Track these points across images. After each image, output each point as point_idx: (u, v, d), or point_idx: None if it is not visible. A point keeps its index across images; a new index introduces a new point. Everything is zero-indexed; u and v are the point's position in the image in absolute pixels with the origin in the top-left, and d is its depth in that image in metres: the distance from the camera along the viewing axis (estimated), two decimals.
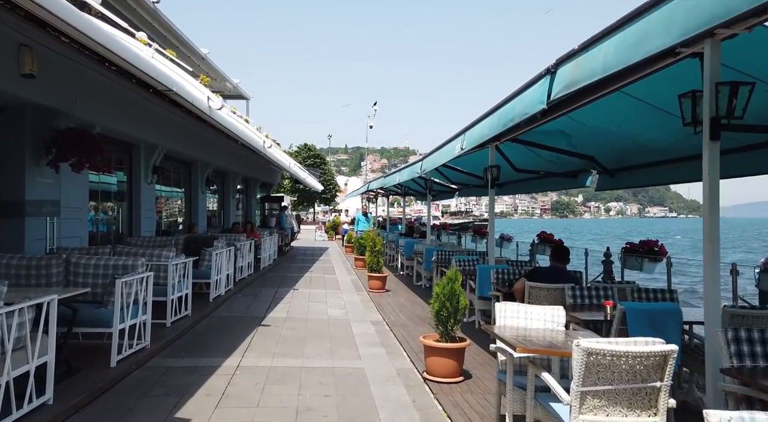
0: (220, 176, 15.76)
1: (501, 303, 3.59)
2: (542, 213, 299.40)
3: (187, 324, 6.57)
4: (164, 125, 9.36)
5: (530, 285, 5.14)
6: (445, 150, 6.31)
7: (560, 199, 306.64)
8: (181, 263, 6.67)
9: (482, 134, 4.83)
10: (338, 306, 8.76)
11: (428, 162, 7.42)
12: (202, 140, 11.53)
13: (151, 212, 9.81)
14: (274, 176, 22.70)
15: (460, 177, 12.71)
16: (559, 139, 6.95)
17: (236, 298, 9.13)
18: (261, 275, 12.37)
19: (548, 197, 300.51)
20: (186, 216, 12.71)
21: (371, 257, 10.39)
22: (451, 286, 4.67)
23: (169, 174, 11.55)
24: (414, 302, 9.32)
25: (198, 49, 14.88)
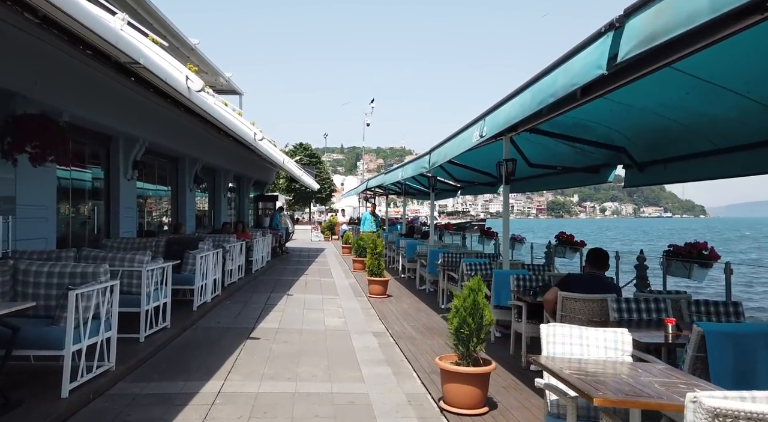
0: (210, 174, 14.93)
1: (549, 325, 2.81)
2: (538, 213, 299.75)
3: (164, 338, 5.76)
4: (146, 116, 8.54)
5: (563, 296, 4.37)
6: (460, 140, 5.53)
7: (556, 199, 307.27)
8: (158, 269, 5.87)
9: (509, 116, 4.05)
10: (336, 314, 7.97)
11: (438, 155, 6.64)
12: (189, 133, 10.70)
13: (132, 211, 8.99)
14: (269, 175, 21.86)
15: (464, 174, 11.95)
16: (584, 129, 6.20)
17: (224, 305, 8.32)
18: (253, 279, 11.56)
19: (544, 196, 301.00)
20: (173, 216, 11.88)
21: (372, 259, 9.61)
22: (474, 298, 3.90)
23: (153, 170, 10.73)
24: (419, 309, 8.54)
25: (187, 40, 14.04)
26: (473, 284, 3.96)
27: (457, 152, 5.71)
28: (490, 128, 4.53)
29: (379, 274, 9.60)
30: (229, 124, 6.98)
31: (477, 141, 4.89)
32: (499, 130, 4.35)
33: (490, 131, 4.54)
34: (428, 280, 10.28)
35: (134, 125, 8.31)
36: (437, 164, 6.82)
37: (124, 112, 7.92)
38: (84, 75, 6.46)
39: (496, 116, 4.42)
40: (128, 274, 5.53)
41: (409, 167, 8.79)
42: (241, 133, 7.82)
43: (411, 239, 14.48)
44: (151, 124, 8.86)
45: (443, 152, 6.37)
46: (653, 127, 5.50)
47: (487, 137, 4.63)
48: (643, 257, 6.08)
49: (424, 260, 10.47)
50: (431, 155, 7.10)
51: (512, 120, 4.05)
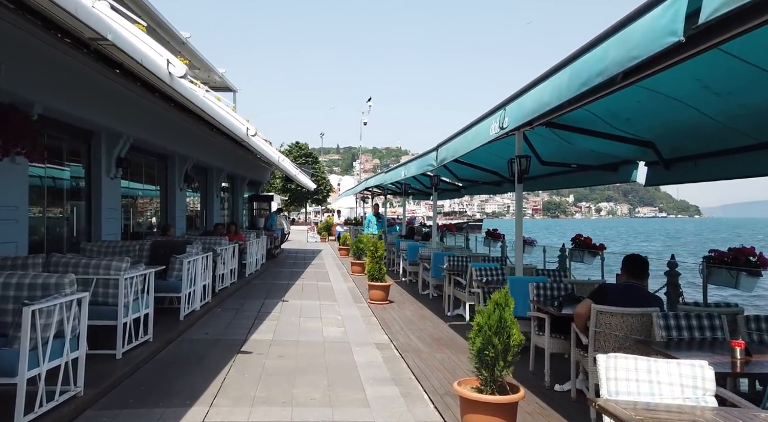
0: (202, 173, 14.32)
1: (608, 357, 2.26)
2: (534, 213, 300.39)
3: (145, 354, 5.17)
4: (130, 109, 7.95)
5: (598, 310, 3.81)
6: (474, 133, 4.97)
7: (551, 199, 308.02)
8: (138, 276, 5.28)
9: (538, 104, 3.50)
10: (335, 323, 7.39)
11: (447, 151, 6.08)
12: (178, 129, 10.12)
13: (116, 212, 8.38)
14: (263, 174, 21.26)
15: (468, 173, 11.41)
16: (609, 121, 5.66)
17: (214, 314, 7.73)
18: (246, 284, 10.97)
19: (539, 196, 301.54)
20: (161, 217, 11.27)
21: (372, 263, 9.04)
22: (500, 315, 3.34)
23: (140, 168, 10.12)
24: (423, 316, 7.98)
25: (178, 33, 13.44)
26: (499, 297, 3.40)
27: (470, 147, 5.15)
28: (513, 118, 3.97)
29: (380, 278, 9.04)
30: (218, 117, 6.41)
31: (496, 134, 4.33)
32: (526, 120, 3.79)
33: (513, 122, 3.98)
34: (432, 284, 9.72)
35: (117, 119, 7.72)
36: (446, 162, 6.27)
37: (107, 105, 7.33)
38: (62, 65, 5.88)
39: (520, 105, 3.86)
40: (103, 283, 4.95)
41: (413, 164, 8.22)
42: (233, 128, 7.24)
43: (411, 240, 13.94)
44: (136, 118, 8.27)
45: (453, 148, 5.81)
46: (687, 118, 4.95)
47: (510, 129, 4.07)
48: (674, 263, 5.54)
49: (427, 263, 9.91)
50: (439, 152, 6.54)
51: (542, 108, 3.49)
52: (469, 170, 10.77)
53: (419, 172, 7.83)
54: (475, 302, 6.86)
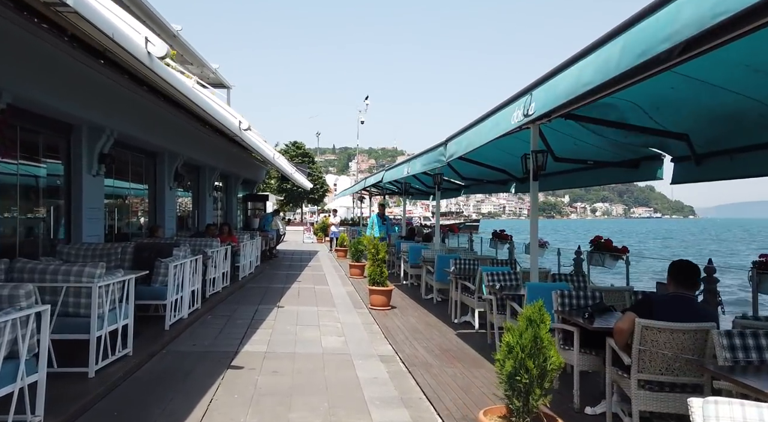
0: (193, 171, 13.74)
1: (706, 402, 1.73)
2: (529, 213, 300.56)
3: (122, 371, 4.60)
4: (114, 101, 7.38)
5: (644, 325, 3.29)
6: (492, 123, 4.43)
7: (547, 199, 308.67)
8: (116, 283, 4.72)
9: (576, 84, 2.96)
10: (335, 332, 6.85)
11: (458, 144, 5.54)
12: (167, 123, 9.54)
13: (98, 211, 7.80)
14: (258, 173, 20.67)
15: (472, 171, 10.90)
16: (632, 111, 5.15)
17: (203, 322, 7.16)
18: (239, 287, 10.40)
19: None
20: (150, 217, 10.69)
21: (373, 267, 8.50)
22: (534, 333, 2.81)
23: (126, 166, 9.54)
24: (428, 324, 7.44)
25: (168, 25, 12.86)
26: (533, 313, 2.87)
27: (486, 139, 4.61)
28: (543, 103, 3.43)
29: (382, 283, 8.50)
30: (208, 108, 5.86)
31: (519, 122, 3.80)
32: (557, 104, 3.25)
33: (542, 108, 3.44)
34: (436, 289, 9.18)
35: (100, 112, 7.15)
36: (456, 156, 5.73)
37: (88, 97, 6.77)
38: (32, 48, 5.30)
39: (552, 88, 3.32)
40: (74, 292, 4.39)
41: (417, 161, 7.68)
42: (224, 121, 6.69)
43: (412, 241, 13.41)
44: (120, 112, 7.70)
45: (466, 142, 5.27)
46: (728, 105, 4.45)
47: (536, 116, 3.53)
48: (712, 268, 5.03)
49: (431, 266, 9.38)
50: (448, 146, 6.01)
51: (579, 89, 2.95)
52: (473, 168, 10.26)
53: (425, 169, 7.29)
54: (486, 309, 6.33)
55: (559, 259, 7.82)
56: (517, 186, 10.27)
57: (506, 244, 10.11)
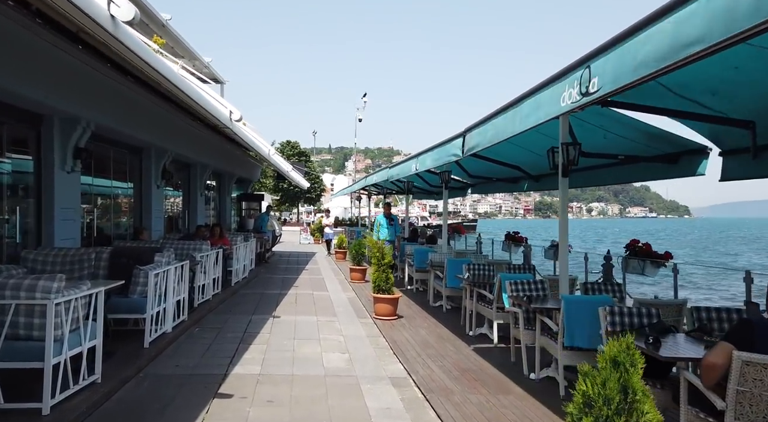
0: (184, 169, 12.95)
1: None
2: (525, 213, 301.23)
3: (87, 404, 3.84)
4: (90, 89, 6.63)
5: (745, 360, 2.56)
6: (530, 107, 3.68)
7: (543, 199, 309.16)
8: (80, 298, 3.96)
9: (674, 44, 2.22)
10: (337, 347, 6.10)
11: (480, 136, 4.79)
12: (153, 116, 8.78)
13: (73, 212, 7.02)
14: (253, 171, 19.89)
15: (481, 168, 10.19)
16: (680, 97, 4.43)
17: (190, 336, 6.39)
18: (232, 294, 9.64)
19: (531, 197, 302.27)
20: (135, 218, 9.90)
21: (378, 273, 7.75)
22: (623, 380, 2.06)
23: (106, 162, 8.75)
24: (441, 337, 6.71)
25: (157, 14, 12.10)
26: (619, 352, 2.12)
27: (521, 126, 3.85)
28: (614, 75, 2.68)
29: (388, 290, 7.75)
30: (193, 93, 5.12)
31: (575, 103, 3.06)
32: (638, 78, 2.51)
33: (612, 82, 2.70)
34: (445, 296, 8.45)
35: (74, 101, 6.38)
36: (478, 150, 4.98)
37: (59, 83, 6.00)
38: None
39: (627, 53, 2.58)
40: (26, 310, 3.62)
41: (428, 156, 6.93)
42: (212, 109, 5.94)
43: (415, 243, 12.67)
44: (98, 101, 6.93)
45: (492, 131, 4.52)
46: None
47: (603, 94, 2.79)
48: None
49: (440, 271, 8.65)
50: (467, 138, 5.26)
51: (687, 48, 2.21)
52: (482, 165, 9.54)
53: (438, 164, 6.54)
54: (509, 322, 5.59)
55: (587, 267, 7.08)
56: (530, 184, 9.56)
57: (521, 247, 9.39)
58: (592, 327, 4.25)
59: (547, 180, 9.01)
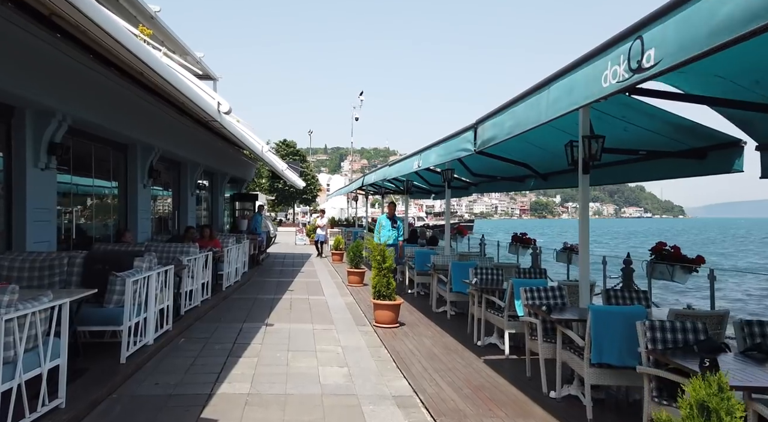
0: (173, 168, 12.39)
1: None
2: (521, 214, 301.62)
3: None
4: (65, 79, 6.08)
5: None
6: (561, 90, 3.17)
7: (539, 199, 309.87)
8: (37, 313, 3.42)
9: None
10: (335, 360, 5.58)
11: (497, 127, 4.28)
12: (138, 110, 8.23)
13: (48, 213, 6.47)
14: (247, 171, 19.33)
15: (484, 165, 9.70)
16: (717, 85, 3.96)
17: (174, 348, 5.86)
18: (223, 299, 9.10)
19: (527, 197, 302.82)
20: (120, 219, 9.34)
21: (379, 277, 7.24)
22: None
23: (87, 159, 8.19)
24: (447, 347, 6.20)
25: (144, 5, 11.52)
26: (708, 396, 1.62)
27: (551, 113, 3.33)
28: (675, 46, 2.19)
29: (389, 296, 7.24)
30: (174, 79, 4.59)
31: (623, 83, 2.56)
32: (718, 43, 2.01)
33: (674, 55, 2.20)
34: (449, 301, 7.94)
35: (48, 91, 5.83)
36: (495, 143, 4.46)
37: (31, 73, 5.45)
38: None
39: (695, 16, 2.09)
40: None
41: (432, 152, 6.42)
42: (198, 99, 5.41)
43: (415, 245, 12.18)
44: (75, 93, 6.38)
45: (512, 121, 4.00)
46: None
47: (662, 69, 2.29)
48: None
49: (443, 275, 8.15)
50: (480, 130, 4.75)
51: None
52: (486, 162, 9.06)
53: (444, 161, 6.03)
54: (525, 332, 5.09)
55: (605, 272, 6.59)
56: (537, 182, 9.08)
57: (528, 249, 8.90)
58: (624, 342, 3.76)
59: (556, 178, 8.54)
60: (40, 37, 5.29)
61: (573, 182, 8.46)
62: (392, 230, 10.13)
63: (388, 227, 10.17)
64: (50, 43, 5.49)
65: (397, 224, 10.21)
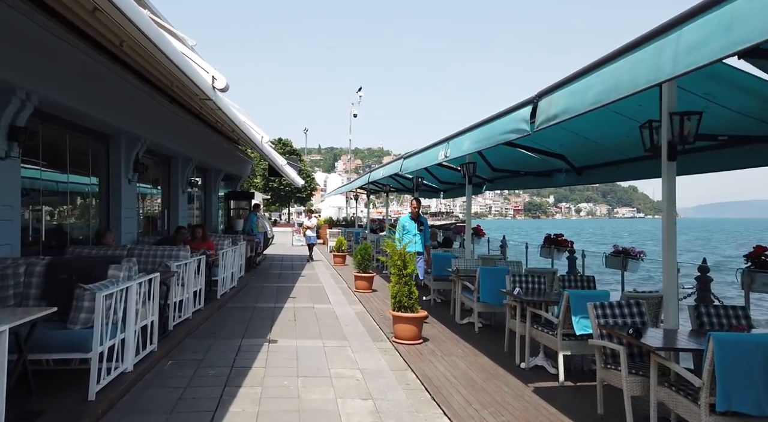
0: (163, 162, 11.34)
1: None
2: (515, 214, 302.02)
3: None
4: (28, 51, 5.04)
5: None
6: (704, 31, 2.21)
7: (532, 199, 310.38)
8: None
9: None
10: (356, 390, 4.58)
11: (569, 98, 3.30)
12: (119, 94, 7.20)
13: (9, 210, 5.41)
14: (243, 168, 18.28)
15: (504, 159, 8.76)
16: None
17: (158, 374, 4.82)
18: (218, 309, 8.07)
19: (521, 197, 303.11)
20: (100, 218, 8.28)
21: (399, 286, 6.24)
22: None
23: (61, 150, 7.13)
24: (485, 370, 5.22)
25: None
26: None
27: (683, 66, 2.37)
28: None
29: (411, 307, 6.25)
30: (158, 38, 3.57)
31: None
32: None
33: None
34: (477, 312, 6.95)
35: (5, 63, 4.79)
36: (564, 118, 3.47)
37: None
38: None
39: None
40: None
41: (466, 138, 5.40)
42: (188, 68, 4.39)
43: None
44: (42, 68, 5.34)
45: (601, 86, 3.01)
46: None
47: None
48: None
49: (469, 281, 7.17)
50: (542, 105, 3.75)
51: None
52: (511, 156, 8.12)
53: (485, 146, 4.99)
54: (598, 359, 4.11)
55: (677, 278, 5.60)
56: (569, 177, 8.13)
57: (564, 253, 7.93)
58: (763, 383, 2.79)
59: (593, 172, 7.61)
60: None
61: (609, 177, 7.55)
62: (418, 235, 7.82)
63: (413, 231, 7.82)
64: (9, 2, 4.47)
65: (423, 226, 7.97)
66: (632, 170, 6.76)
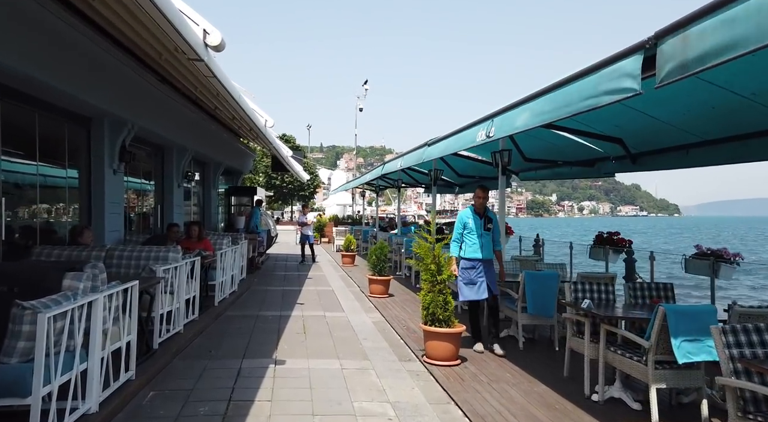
0: (156, 153, 10.26)
1: None
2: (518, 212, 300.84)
3: None
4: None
5: None
6: None
7: (535, 198, 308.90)
8: None
9: None
10: None
11: (725, 29, 2.23)
12: (101, 68, 6.11)
13: None
14: (244, 162, 17.21)
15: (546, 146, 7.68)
16: None
17: (131, 414, 3.74)
18: (214, 319, 6.99)
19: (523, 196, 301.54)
20: (81, 214, 7.21)
21: (433, 294, 5.15)
22: None
23: (29, 134, 6.04)
24: (548, 404, 4.13)
25: None
26: None
27: None
28: None
29: (447, 321, 5.15)
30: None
31: None
32: None
33: None
34: (521, 325, 5.86)
35: None
36: (711, 65, 2.38)
37: None
38: None
39: None
40: None
41: (525, 109, 4.25)
42: (172, 13, 3.30)
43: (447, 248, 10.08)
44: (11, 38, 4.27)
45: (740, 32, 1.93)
46: None
47: None
48: None
49: (511, 289, 6.08)
50: (665, 49, 2.63)
51: None
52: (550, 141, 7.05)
53: (554, 117, 3.84)
54: (731, 402, 3.01)
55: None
56: (620, 165, 7.04)
57: (621, 254, 6.82)
58: None
59: (653, 159, 6.50)
60: None
61: (674, 164, 6.44)
62: (485, 235, 5.60)
63: (479, 231, 5.58)
64: None
65: (491, 224, 5.68)
66: (704, 155, 5.66)
